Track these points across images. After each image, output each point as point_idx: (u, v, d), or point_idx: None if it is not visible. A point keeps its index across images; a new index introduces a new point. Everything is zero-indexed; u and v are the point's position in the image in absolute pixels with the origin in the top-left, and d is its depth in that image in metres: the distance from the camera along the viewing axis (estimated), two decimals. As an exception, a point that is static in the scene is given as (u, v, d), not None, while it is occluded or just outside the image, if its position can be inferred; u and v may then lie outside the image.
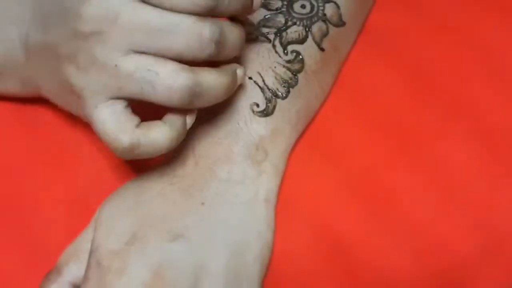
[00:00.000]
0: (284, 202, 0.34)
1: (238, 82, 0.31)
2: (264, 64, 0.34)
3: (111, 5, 0.27)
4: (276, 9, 0.36)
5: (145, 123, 0.29)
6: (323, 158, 0.35)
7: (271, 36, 0.35)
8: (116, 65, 0.27)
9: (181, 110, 0.30)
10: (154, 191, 0.32)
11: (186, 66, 0.28)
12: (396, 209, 0.34)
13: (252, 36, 0.34)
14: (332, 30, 0.36)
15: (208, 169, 0.32)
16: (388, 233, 0.33)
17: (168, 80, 0.27)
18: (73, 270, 0.31)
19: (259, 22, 0.35)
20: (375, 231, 0.33)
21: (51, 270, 0.32)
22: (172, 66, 0.27)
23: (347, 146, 0.36)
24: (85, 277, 0.30)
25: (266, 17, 0.35)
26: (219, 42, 0.28)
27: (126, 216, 0.31)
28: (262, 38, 0.34)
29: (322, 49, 0.35)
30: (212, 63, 0.29)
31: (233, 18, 0.30)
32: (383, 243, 0.33)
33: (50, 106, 0.37)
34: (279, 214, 0.33)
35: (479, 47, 0.39)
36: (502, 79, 0.38)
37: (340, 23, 0.36)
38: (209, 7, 0.27)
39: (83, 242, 0.32)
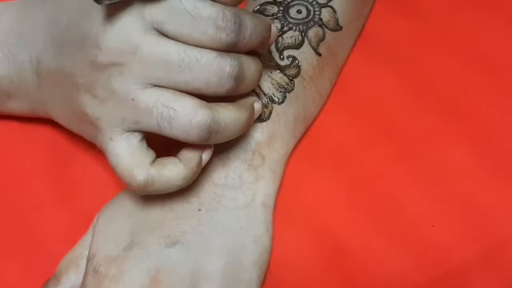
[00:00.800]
0: (283, 206, 0.34)
1: (256, 116, 0.31)
2: None
3: (131, 36, 0.27)
4: (272, 15, 0.36)
5: (160, 159, 0.29)
6: (322, 163, 0.35)
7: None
8: (133, 99, 0.27)
9: (197, 146, 0.29)
10: (151, 197, 0.32)
11: (204, 103, 0.27)
12: (396, 214, 0.34)
13: (267, 64, 0.34)
14: (329, 34, 0.36)
15: (205, 174, 0.32)
16: (387, 238, 0.33)
17: (186, 117, 0.27)
18: (72, 278, 0.31)
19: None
20: (374, 236, 0.33)
21: (50, 279, 0.32)
22: (190, 102, 0.27)
23: (346, 151, 0.36)
24: (83, 284, 0.30)
25: None
26: (238, 78, 0.28)
27: (123, 222, 0.31)
28: (276, 67, 0.34)
29: (319, 54, 0.35)
30: (229, 97, 0.29)
31: (252, 51, 0.30)
32: (382, 248, 0.33)
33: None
34: (278, 218, 0.33)
35: (478, 52, 0.39)
36: (502, 84, 0.38)
37: (337, 28, 0.36)
38: (230, 43, 0.27)
39: (82, 249, 0.32)
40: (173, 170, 0.28)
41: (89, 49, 0.28)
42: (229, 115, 0.28)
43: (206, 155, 0.30)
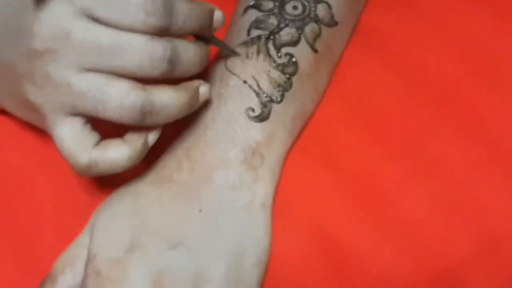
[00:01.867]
0: (280, 205, 0.34)
1: (202, 99, 0.31)
2: (259, 67, 0.34)
3: (63, 23, 0.27)
4: (268, 10, 0.35)
5: (104, 141, 0.30)
6: (318, 161, 0.35)
7: (263, 40, 0.34)
8: (68, 83, 0.28)
9: (142, 128, 0.30)
10: (151, 197, 0.32)
11: (137, 85, 0.28)
12: (392, 211, 0.34)
13: (223, 52, 0.34)
14: (325, 30, 0.35)
15: (205, 175, 0.32)
16: (384, 236, 0.33)
17: (118, 99, 0.28)
18: (68, 279, 0.31)
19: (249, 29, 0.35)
20: (371, 234, 0.33)
21: (45, 279, 0.32)
22: (122, 84, 0.28)
23: (342, 148, 0.36)
24: (83, 286, 0.30)
25: (258, 18, 0.35)
26: (172, 60, 0.28)
27: (123, 223, 0.31)
28: (230, 52, 0.34)
29: (315, 51, 0.35)
30: (172, 80, 0.29)
31: (199, 37, 0.31)
32: (379, 246, 0.33)
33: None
34: (275, 218, 0.33)
35: (474, 47, 0.39)
36: (497, 79, 0.38)
37: (332, 23, 0.36)
38: (161, 27, 0.27)
39: (78, 249, 0.32)
40: (117, 151, 0.29)
41: (25, 38, 0.28)
42: (165, 96, 0.29)
43: (152, 136, 0.30)
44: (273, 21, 0.35)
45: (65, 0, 0.27)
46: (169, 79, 0.29)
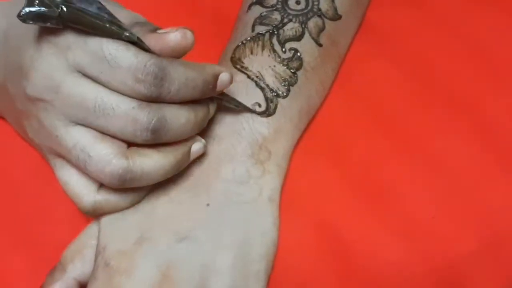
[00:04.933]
0: (286, 199, 0.34)
1: (193, 157, 0.31)
2: (264, 63, 0.34)
3: (54, 76, 0.28)
4: (272, 6, 0.35)
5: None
6: (324, 155, 0.36)
7: (267, 36, 0.35)
8: (57, 136, 0.28)
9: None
10: (159, 190, 0.32)
11: (121, 149, 0.28)
12: (396, 205, 0.34)
13: (236, 109, 0.33)
14: (329, 24, 0.36)
15: (212, 169, 0.33)
16: (387, 229, 0.34)
17: (99, 165, 0.28)
18: (77, 267, 0.32)
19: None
20: (374, 227, 0.34)
21: (55, 267, 0.32)
22: (106, 150, 0.28)
23: (349, 143, 0.36)
24: (93, 276, 0.30)
25: (262, 14, 0.35)
26: (157, 130, 0.28)
27: (131, 215, 0.32)
28: (244, 109, 0.33)
29: (320, 45, 0.35)
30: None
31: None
32: (382, 239, 0.33)
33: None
34: (282, 211, 0.33)
35: (480, 44, 0.39)
36: (503, 76, 0.38)
37: (336, 17, 0.36)
38: (150, 96, 0.27)
39: (87, 238, 0.32)
40: (119, 196, 0.30)
41: (23, 80, 0.29)
42: (149, 163, 0.29)
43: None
44: (276, 16, 0.35)
45: (59, 53, 0.28)
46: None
